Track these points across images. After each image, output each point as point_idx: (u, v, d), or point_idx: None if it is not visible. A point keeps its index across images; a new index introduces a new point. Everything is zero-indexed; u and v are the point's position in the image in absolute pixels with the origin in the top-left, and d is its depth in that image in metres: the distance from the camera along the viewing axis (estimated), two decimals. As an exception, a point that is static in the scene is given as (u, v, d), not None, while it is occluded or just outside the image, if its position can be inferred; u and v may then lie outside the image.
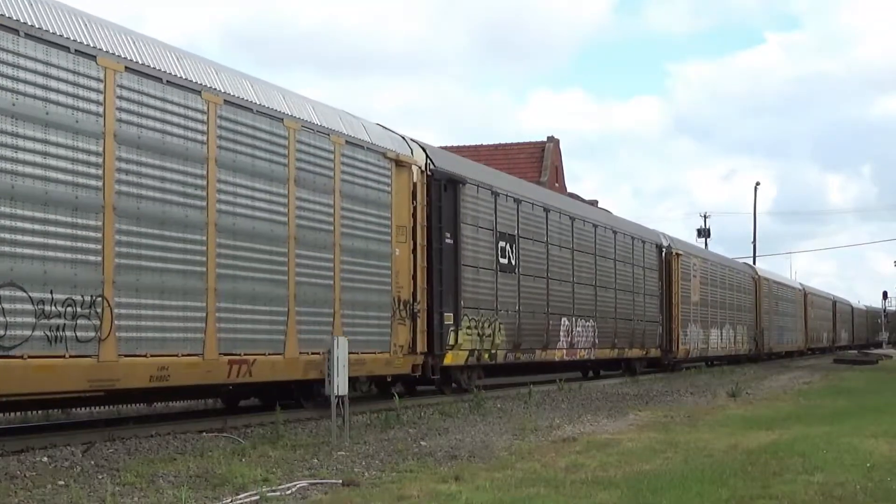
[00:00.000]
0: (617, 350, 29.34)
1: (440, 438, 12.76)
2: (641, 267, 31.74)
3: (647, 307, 32.12)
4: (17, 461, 10.19)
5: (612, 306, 28.91)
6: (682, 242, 38.64)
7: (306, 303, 15.04)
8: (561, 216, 25.63)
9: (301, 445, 11.75)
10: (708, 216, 76.91)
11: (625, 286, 30.08)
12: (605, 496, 8.43)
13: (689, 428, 14.29)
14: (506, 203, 22.30)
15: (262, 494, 8.35)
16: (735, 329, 43.99)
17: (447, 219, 19.37)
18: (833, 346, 76.08)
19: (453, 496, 8.38)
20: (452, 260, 19.53)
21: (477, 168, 22.68)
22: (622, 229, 30.80)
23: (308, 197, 15.22)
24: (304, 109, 15.55)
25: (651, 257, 32.89)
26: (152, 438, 12.25)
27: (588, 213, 29.26)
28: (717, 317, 40.78)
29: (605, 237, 28.74)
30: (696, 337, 37.44)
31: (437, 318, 18.84)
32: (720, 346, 41.28)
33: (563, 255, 25.53)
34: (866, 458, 10.72)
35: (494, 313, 21.34)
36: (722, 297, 41.98)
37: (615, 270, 29.37)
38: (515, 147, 48.90)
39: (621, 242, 30.13)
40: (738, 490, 8.67)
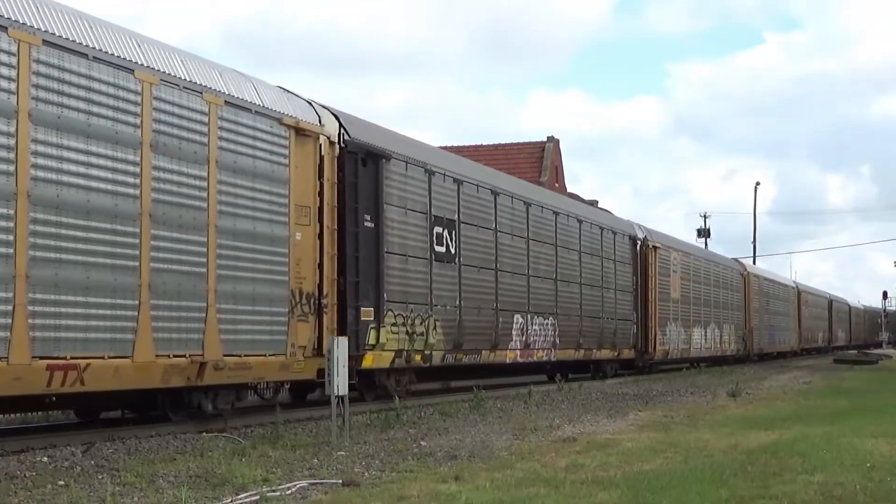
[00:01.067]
0: (583, 351, 26.75)
1: (440, 438, 12.76)
2: (612, 260, 29.18)
3: (619, 304, 29.56)
4: (17, 461, 10.20)
5: (576, 303, 26.31)
6: (661, 235, 35.70)
7: (167, 294, 12.40)
8: (514, 201, 22.92)
9: (301, 445, 11.76)
10: (708, 216, 76.86)
11: (592, 281, 27.47)
12: (605, 496, 8.43)
13: (689, 428, 14.29)
14: (443, 183, 19.60)
15: (262, 494, 8.35)
16: (721, 328, 41.64)
17: (366, 199, 16.74)
18: (829, 346, 74.26)
19: (453, 496, 8.38)
20: (373, 247, 16.89)
21: (407, 142, 19.56)
22: (589, 218, 28.17)
23: (169, 166, 12.55)
24: (168, 60, 12.85)
25: (623, 250, 30.35)
26: (152, 438, 12.25)
27: (548, 198, 26.31)
28: (701, 315, 38.46)
29: (567, 226, 26.11)
30: (677, 337, 35.05)
31: (353, 314, 16.18)
32: (704, 346, 38.97)
33: (516, 245, 22.84)
34: (866, 458, 10.72)
35: (428, 308, 18.68)
36: (706, 294, 39.61)
37: (580, 263, 26.71)
38: (515, 147, 48.86)
39: (588, 233, 27.47)
40: (738, 490, 8.67)
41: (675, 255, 35.51)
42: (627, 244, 30.79)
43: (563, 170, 50.49)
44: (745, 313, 46.31)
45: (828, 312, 75.99)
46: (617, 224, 31.06)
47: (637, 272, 31.33)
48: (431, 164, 19.32)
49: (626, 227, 31.76)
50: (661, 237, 34.95)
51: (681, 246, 38.25)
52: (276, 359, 14.47)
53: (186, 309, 12.80)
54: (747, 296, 46.89)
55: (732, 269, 45.89)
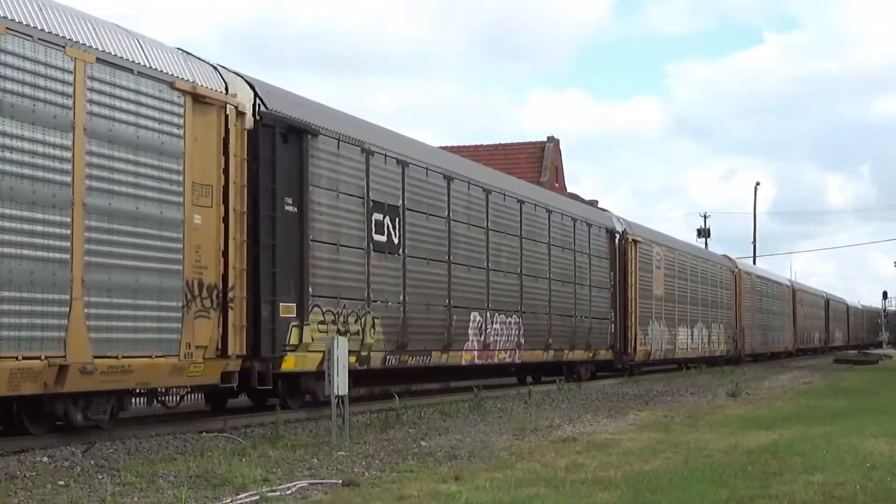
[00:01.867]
0: (553, 352, 24.55)
1: (440, 438, 12.76)
2: (586, 254, 27.00)
3: (595, 302, 27.40)
4: (17, 461, 10.20)
5: (544, 299, 24.13)
6: (642, 228, 33.55)
7: (13, 285, 10.48)
8: (470, 187, 20.71)
9: (301, 445, 11.76)
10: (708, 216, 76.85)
11: (563, 276, 25.31)
12: (605, 496, 8.43)
13: (689, 428, 14.29)
14: (384, 165, 17.52)
15: (262, 494, 8.35)
16: (710, 328, 39.50)
17: (287, 180, 14.80)
18: (826, 346, 72.24)
19: (453, 496, 8.38)
20: (296, 234, 14.97)
21: (340, 118, 17.15)
22: (559, 208, 25.92)
23: (17, 132, 10.64)
24: (19, 5, 10.84)
25: (600, 243, 28.21)
26: (152, 438, 12.25)
27: (512, 186, 23.82)
28: (688, 314, 36.52)
29: (535, 217, 23.94)
30: (660, 337, 32.89)
31: (268, 311, 14.25)
32: (690, 346, 36.85)
33: (473, 236, 20.68)
34: (866, 458, 10.73)
35: (365, 305, 16.61)
36: (693, 291, 37.56)
37: (549, 257, 24.55)
38: (515, 147, 48.85)
39: (558, 224, 25.32)
40: (738, 490, 8.67)
41: (658, 249, 33.40)
42: (604, 237, 28.70)
43: (563, 170, 50.48)
44: (735, 312, 44.25)
45: (824, 312, 74.02)
46: (592, 215, 28.86)
47: (615, 268, 29.28)
48: (370, 142, 17.19)
49: (603, 218, 29.64)
50: (642, 230, 32.97)
51: (665, 240, 35.79)
52: (167, 361, 12.38)
53: (41, 302, 10.77)
54: (738, 294, 44.85)
55: (722, 266, 43.65)
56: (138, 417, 14.50)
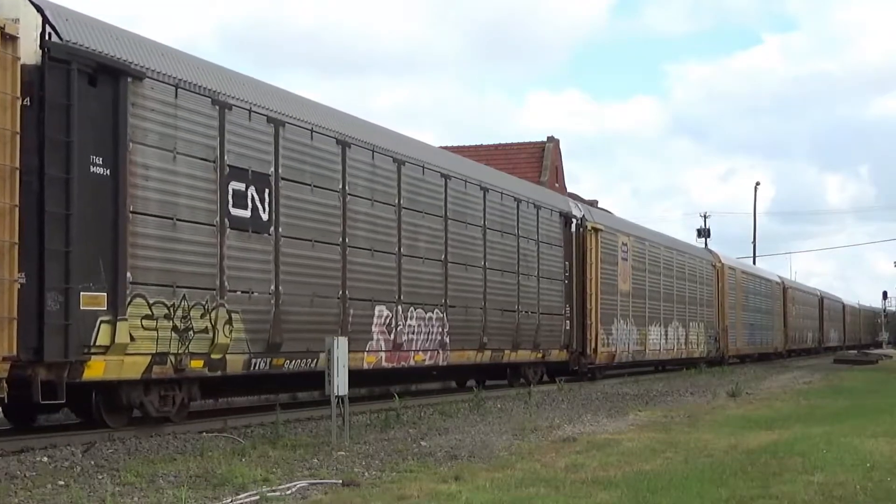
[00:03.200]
0: (490, 352, 21.15)
1: (440, 438, 12.76)
2: (534, 240, 23.48)
3: (545, 295, 23.95)
4: (17, 461, 10.21)
5: (478, 291, 20.70)
6: (606, 215, 30.74)
7: None
8: (376, 156, 17.18)
9: (301, 445, 11.76)
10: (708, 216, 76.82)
11: (503, 264, 21.83)
12: (605, 496, 8.43)
13: (689, 428, 14.29)
14: (248, 123, 14.16)
15: (262, 494, 8.35)
16: (687, 327, 36.14)
17: (95, 133, 11.68)
18: (820, 347, 69.15)
19: (453, 496, 8.38)
20: (108, 203, 11.80)
21: (182, 59, 13.74)
22: (498, 186, 22.26)
23: None
24: None
25: (552, 230, 24.66)
26: (152, 438, 12.26)
27: (434, 158, 20.12)
28: (661, 311, 33.05)
29: (466, 195, 20.42)
30: (627, 336, 29.50)
31: (57, 300, 11.05)
32: (664, 347, 33.42)
33: (379, 215, 17.20)
34: (866, 458, 10.72)
35: (216, 295, 13.29)
36: (668, 286, 34.09)
37: (485, 242, 21.06)
38: (515, 147, 48.81)
39: (497, 205, 21.78)
40: (738, 490, 8.67)
41: (624, 239, 29.87)
42: (557, 222, 25.07)
43: (562, 170, 50.48)
44: (717, 310, 40.68)
45: (818, 311, 70.84)
46: (542, 197, 25.37)
47: (572, 257, 25.71)
48: (227, 94, 13.84)
49: (556, 201, 26.22)
50: (606, 217, 30.06)
51: (633, 230, 32.38)
52: None
53: None
54: (721, 290, 41.38)
55: (702, 260, 40.05)
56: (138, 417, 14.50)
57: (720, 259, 42.86)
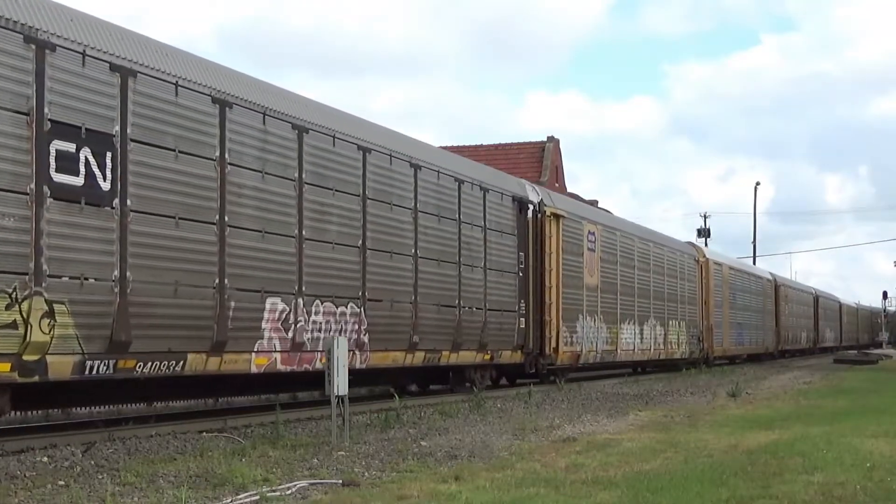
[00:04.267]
0: (423, 353, 18.34)
1: (440, 438, 12.76)
2: (479, 227, 20.70)
3: (494, 289, 21.15)
4: (17, 461, 10.21)
5: (407, 283, 17.82)
6: (569, 201, 27.96)
7: None
8: (268, 121, 14.47)
9: (301, 445, 11.76)
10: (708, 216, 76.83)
11: (440, 254, 18.98)
12: (605, 496, 8.43)
13: (689, 428, 14.29)
14: (82, 70, 11.52)
15: (262, 494, 8.35)
16: (666, 325, 33.34)
17: None
18: (815, 347, 66.67)
19: (453, 496, 8.38)
20: None
21: None
22: (434, 164, 19.18)
23: None
24: None
25: (502, 215, 21.86)
26: (152, 438, 12.25)
27: (350, 127, 16.80)
28: (635, 308, 30.38)
29: (391, 172, 17.48)
30: (594, 335, 26.67)
31: None
32: (639, 347, 30.75)
33: (273, 191, 14.42)
34: (866, 458, 10.73)
35: (29, 281, 10.68)
36: (644, 281, 31.37)
37: (416, 227, 18.16)
38: (515, 147, 48.87)
39: (433, 185, 18.86)
40: (738, 490, 8.67)
41: (591, 228, 26.98)
42: (509, 208, 22.22)
43: (563, 170, 50.49)
44: (700, 307, 38.07)
45: (813, 310, 67.98)
46: (491, 178, 22.19)
47: (528, 247, 22.93)
48: (47, 29, 11.12)
49: (509, 184, 23.06)
50: (568, 203, 26.92)
51: (603, 219, 29.67)
52: None
53: None
54: (704, 286, 38.63)
55: (683, 254, 36.99)
56: (139, 417, 14.50)
57: (704, 253, 40.21)
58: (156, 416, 14.49)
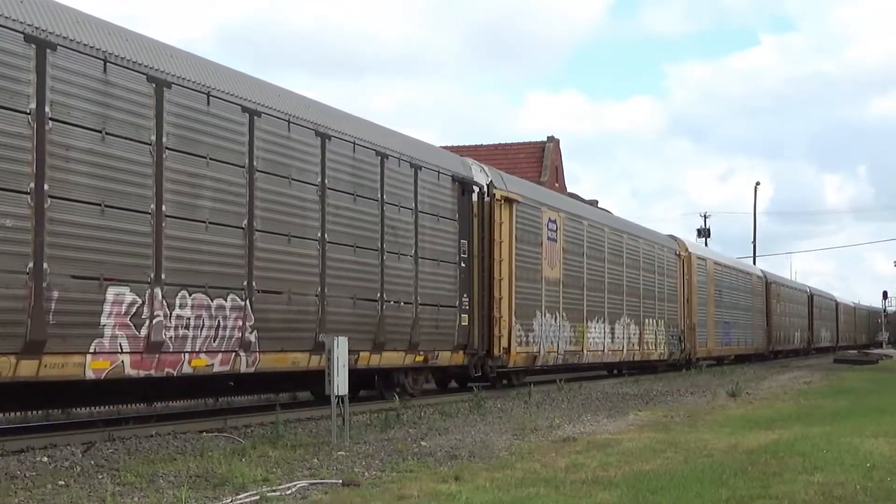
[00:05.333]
0: None
1: (440, 438, 12.76)
2: (409, 210, 17.80)
3: (429, 282, 18.29)
4: (17, 461, 10.21)
5: (312, 273, 15.08)
6: (525, 184, 24.97)
7: None
8: (110, 69, 11.85)
9: (301, 445, 11.76)
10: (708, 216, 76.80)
11: (357, 239, 16.18)
12: (605, 496, 8.43)
13: (689, 428, 14.29)
14: None
15: (262, 494, 8.35)
16: (642, 324, 30.74)
17: None
18: (809, 347, 64.13)
19: (453, 496, 8.38)
20: None
21: None
22: (349, 134, 16.23)
23: None
24: None
25: (440, 197, 18.98)
26: (152, 438, 12.26)
27: (227, 83, 13.95)
28: (605, 305, 27.61)
29: (289, 142, 14.72)
30: (556, 334, 24.07)
31: None
32: (609, 348, 27.93)
33: (115, 155, 11.84)
34: (866, 458, 10.73)
35: None
36: (616, 275, 28.71)
37: (324, 207, 15.39)
38: (515, 147, 48.87)
39: (346, 159, 16.00)
40: (738, 490, 8.67)
41: (552, 215, 24.31)
42: (448, 189, 19.39)
43: (563, 170, 50.50)
44: (682, 305, 35.32)
45: (808, 309, 65.27)
46: (425, 155, 19.08)
47: (472, 235, 20.22)
48: None
49: (448, 162, 20.06)
50: (524, 187, 24.01)
51: (565, 205, 26.71)
52: None
53: None
54: (687, 282, 35.95)
55: (663, 247, 34.05)
56: (138, 417, 14.51)
57: (686, 247, 37.22)
58: (156, 416, 14.49)
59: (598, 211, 31.55)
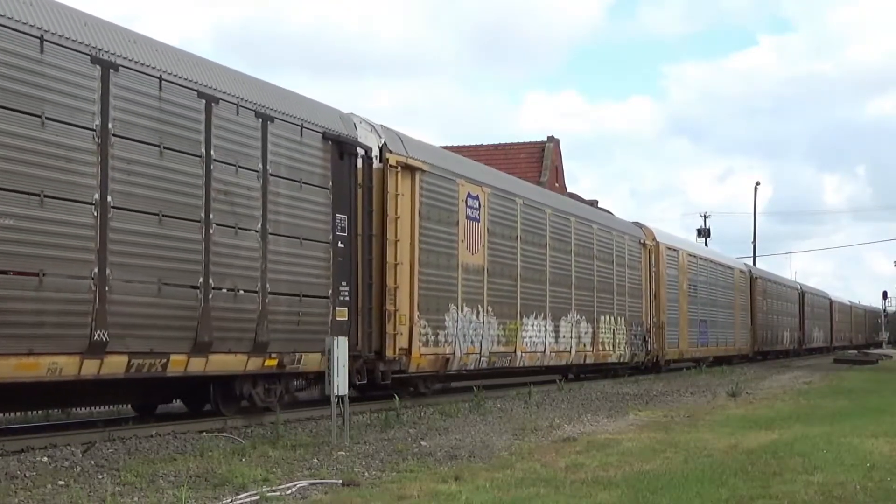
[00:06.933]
0: (127, 357, 11.74)
1: (440, 438, 12.76)
2: (255, 172, 13.79)
3: (284, 264, 14.32)
4: (17, 461, 10.20)
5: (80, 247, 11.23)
6: (436, 150, 20.76)
7: None
8: None
9: (301, 445, 11.76)
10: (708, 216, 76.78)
11: (167, 206, 12.41)
12: (605, 496, 8.43)
13: (689, 428, 14.29)
14: None
15: (262, 494, 8.35)
16: (595, 322, 26.75)
17: None
18: (800, 348, 60.61)
19: (453, 496, 8.38)
20: None
21: None
22: (152, 66, 12.38)
23: None
24: None
25: (303, 158, 14.92)
26: (152, 438, 12.25)
27: None
28: (546, 298, 23.67)
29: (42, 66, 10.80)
30: (478, 332, 20.22)
31: None
32: (553, 349, 23.95)
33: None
34: (866, 458, 10.73)
35: None
36: (560, 265, 24.63)
37: (103, 162, 11.53)
38: (515, 147, 48.87)
39: (142, 99, 12.17)
40: (738, 490, 8.67)
41: (472, 190, 20.37)
42: (318, 149, 15.30)
43: (563, 169, 50.50)
44: (647, 300, 31.51)
45: (798, 307, 61.39)
46: (281, 103, 14.74)
47: (355, 208, 16.09)
48: None
49: (318, 115, 15.69)
50: (433, 154, 19.76)
51: (491, 178, 22.32)
52: None
53: None
54: (654, 275, 32.18)
55: (623, 234, 30.01)
56: (139, 417, 14.50)
57: (654, 235, 32.88)
58: (156, 416, 14.48)
59: (539, 189, 26.90)
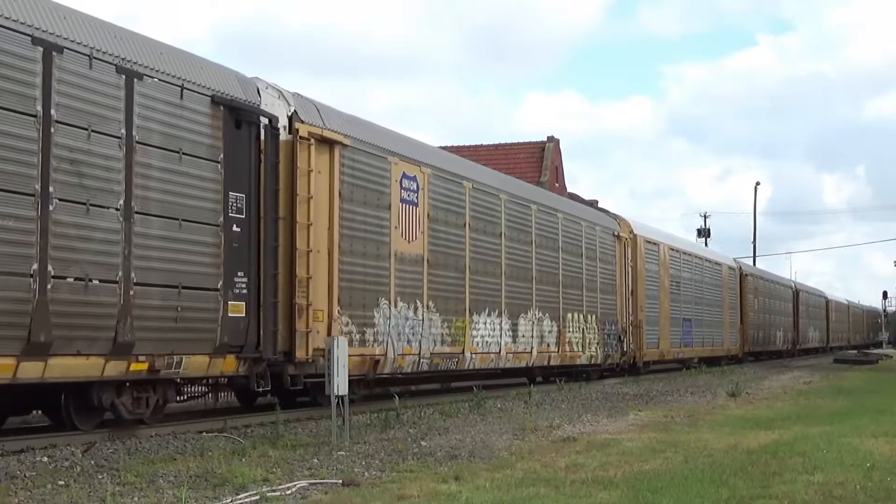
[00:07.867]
0: None
1: (440, 438, 12.76)
2: (117, 138, 11.69)
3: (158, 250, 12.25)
4: (17, 461, 10.20)
5: None
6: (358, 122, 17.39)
7: None
8: None
9: (301, 445, 11.76)
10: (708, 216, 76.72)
11: None
12: (605, 496, 8.43)
13: (689, 428, 14.29)
14: None
15: (262, 494, 8.35)
16: (560, 320, 24.49)
17: None
18: (794, 349, 58.44)
19: (453, 496, 8.38)
20: None
21: None
22: None
23: None
24: None
25: (184, 125, 12.77)
26: (152, 438, 12.25)
27: None
28: (501, 294, 21.38)
29: None
30: (414, 330, 17.86)
31: None
32: (510, 349, 21.71)
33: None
34: (866, 458, 10.73)
35: None
36: (519, 257, 22.38)
37: None
38: (515, 147, 48.85)
39: None
40: (738, 490, 8.67)
41: (408, 170, 18.05)
42: (205, 115, 13.20)
43: (563, 169, 50.49)
44: (623, 297, 29.19)
45: (792, 306, 59.22)
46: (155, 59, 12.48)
47: (256, 187, 14.00)
48: None
49: (210, 76, 13.54)
50: (358, 127, 17.11)
51: (430, 157, 19.62)
52: None
53: None
54: (631, 270, 29.85)
55: (592, 225, 27.39)
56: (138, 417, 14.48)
57: (631, 228, 30.48)
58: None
59: (492, 172, 24.09)
